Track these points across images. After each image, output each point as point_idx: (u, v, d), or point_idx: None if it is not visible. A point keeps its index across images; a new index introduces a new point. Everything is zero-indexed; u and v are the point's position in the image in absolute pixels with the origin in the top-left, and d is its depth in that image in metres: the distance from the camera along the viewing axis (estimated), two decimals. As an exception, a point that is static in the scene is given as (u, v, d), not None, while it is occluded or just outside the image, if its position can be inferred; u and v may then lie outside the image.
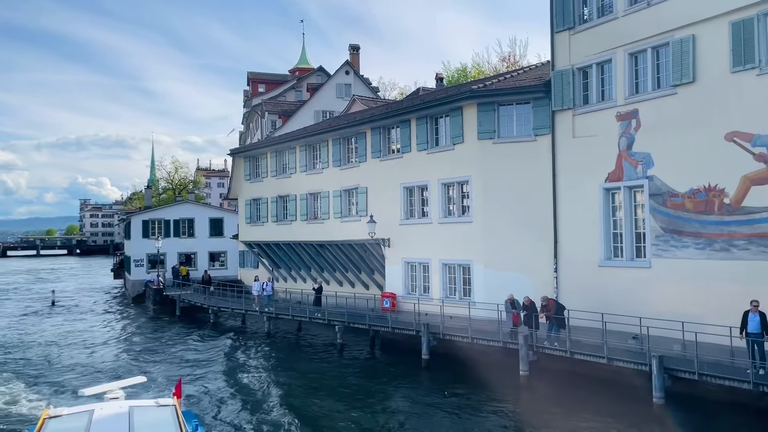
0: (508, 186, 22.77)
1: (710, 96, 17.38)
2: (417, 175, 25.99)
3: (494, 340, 19.43)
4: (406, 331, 22.36)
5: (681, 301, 17.54)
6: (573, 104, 21.27)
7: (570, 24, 21.33)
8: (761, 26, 16.26)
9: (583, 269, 20.80)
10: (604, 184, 20.34)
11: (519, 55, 49.48)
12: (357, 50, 52.56)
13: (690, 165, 17.82)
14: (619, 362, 16.06)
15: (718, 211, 17.17)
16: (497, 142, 23.14)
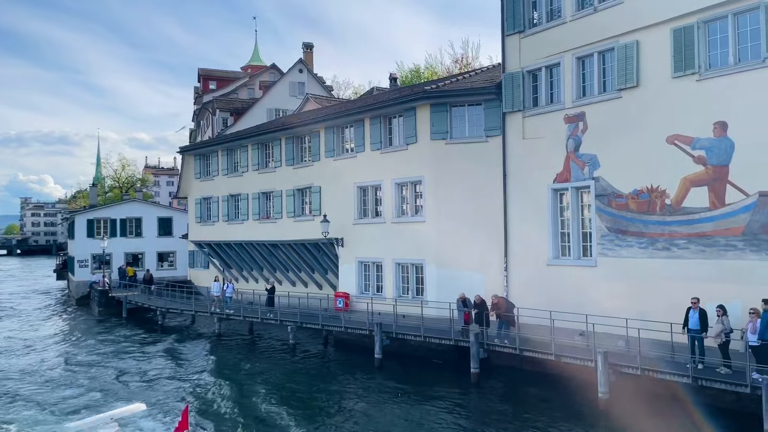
0: (460, 186, 23.04)
1: (653, 100, 18.01)
2: (371, 175, 26.03)
3: (446, 338, 19.64)
4: (360, 330, 22.37)
5: (625, 298, 18.10)
6: (523, 106, 21.69)
7: (520, 28, 21.74)
8: (701, 33, 16.94)
9: (532, 268, 21.25)
10: (553, 185, 20.82)
11: (471, 56, 50.18)
12: (311, 48, 52.26)
13: (633, 167, 18.42)
14: (567, 359, 16.47)
15: (660, 212, 17.81)
16: (450, 142, 23.39)
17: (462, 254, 22.81)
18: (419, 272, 24.29)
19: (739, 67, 16.20)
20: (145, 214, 46.13)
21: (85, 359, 24.53)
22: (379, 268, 25.92)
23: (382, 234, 25.55)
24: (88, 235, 43.85)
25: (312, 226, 28.28)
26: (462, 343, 19.14)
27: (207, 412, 16.76)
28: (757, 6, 15.76)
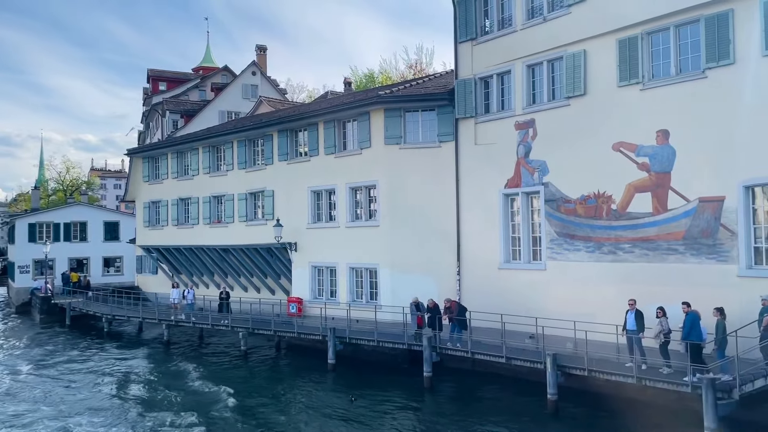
0: (414, 191, 23.19)
1: (599, 108, 18.54)
2: (325, 179, 25.91)
3: (399, 342, 19.69)
4: (313, 335, 22.20)
5: (573, 301, 18.54)
6: (475, 113, 22.01)
7: (473, 35, 22.07)
8: (644, 44, 17.55)
9: (484, 272, 21.54)
10: (504, 190, 21.18)
11: (426, 62, 50.62)
12: (264, 51, 51.73)
13: (581, 173, 18.91)
14: (517, 361, 16.74)
15: (606, 217, 18.33)
16: (404, 147, 23.52)
17: (415, 258, 22.95)
18: (373, 276, 24.30)
19: (680, 77, 16.85)
20: (90, 218, 44.70)
21: (26, 369, 23.53)
22: (332, 272, 25.81)
23: (336, 238, 25.46)
24: (30, 240, 42.19)
25: (265, 230, 27.95)
26: (415, 347, 19.23)
27: (153, 419, 16.31)
28: (697, 19, 16.44)
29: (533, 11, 20.49)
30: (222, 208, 31.11)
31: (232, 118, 43.73)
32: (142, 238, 36.20)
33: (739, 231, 15.53)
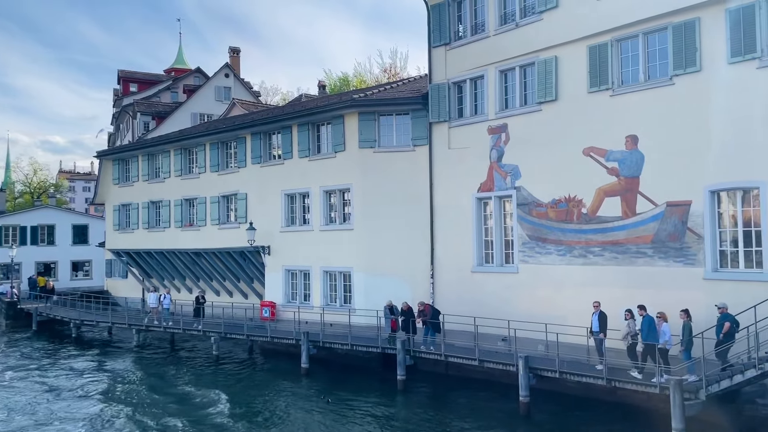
0: (388, 194, 23.23)
1: (570, 113, 18.82)
2: (298, 182, 25.81)
3: (373, 346, 19.68)
4: (286, 340, 22.06)
5: (545, 303, 18.76)
6: (449, 117, 22.16)
7: (446, 40, 22.23)
8: (614, 51, 17.88)
9: (457, 275, 21.67)
10: (477, 194, 21.35)
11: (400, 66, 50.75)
12: (237, 53, 51.38)
13: (553, 177, 19.16)
14: (490, 364, 16.86)
15: (577, 220, 18.60)
16: (378, 151, 23.56)
17: (390, 262, 22.97)
18: (347, 280, 24.26)
19: (648, 84, 17.20)
20: (58, 221, 43.82)
21: (-11, 376, 22.91)
22: (306, 276, 25.70)
23: (309, 242, 25.36)
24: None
25: (237, 233, 27.71)
26: (389, 351, 19.23)
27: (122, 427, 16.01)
28: (665, 27, 16.80)
29: (506, 17, 20.72)
30: (194, 211, 30.75)
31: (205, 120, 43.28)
32: (111, 241, 35.59)
33: (705, 235, 15.90)
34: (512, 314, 18.45)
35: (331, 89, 47.64)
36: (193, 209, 30.85)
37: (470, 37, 21.72)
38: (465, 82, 21.86)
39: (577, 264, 18.56)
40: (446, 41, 22.25)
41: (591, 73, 18.29)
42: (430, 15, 22.70)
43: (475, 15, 21.76)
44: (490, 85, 21.04)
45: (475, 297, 20.63)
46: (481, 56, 21.19)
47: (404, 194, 23.03)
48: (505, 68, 20.67)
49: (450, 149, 22.20)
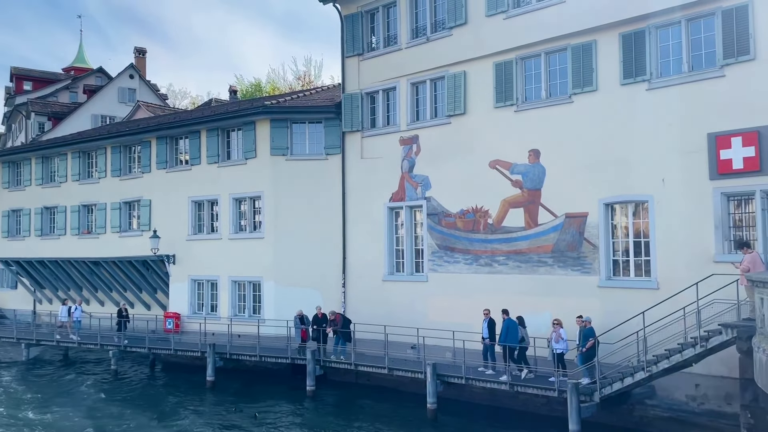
0: (300, 202, 23.01)
1: (478, 127, 19.44)
2: (207, 189, 25.05)
3: (283, 356, 19.37)
4: (191, 352, 21.29)
5: (453, 311, 19.14)
6: (362, 127, 22.31)
7: (359, 50, 22.40)
8: (518, 69, 18.66)
9: (369, 284, 21.76)
10: (389, 204, 21.58)
11: (314, 75, 50.61)
12: (144, 54, 49.37)
13: (461, 188, 19.69)
14: (399, 372, 17.02)
15: (483, 231, 19.20)
16: (290, 158, 23.31)
17: (301, 271, 22.73)
18: (257, 290, 23.77)
19: (550, 101, 18.07)
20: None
21: None
22: (214, 286, 24.94)
23: (218, 250, 24.64)
24: None
25: (140, 241, 26.48)
26: (299, 361, 18.99)
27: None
28: (564, 48, 17.72)
29: (417, 31, 21.16)
30: (92, 218, 29.12)
31: (107, 122, 41.21)
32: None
33: (600, 245, 16.84)
34: (422, 322, 18.73)
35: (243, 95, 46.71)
36: (91, 216, 29.21)
37: (383, 48, 22.01)
38: (378, 93, 22.10)
39: (483, 272, 19.13)
40: (359, 52, 22.43)
41: (497, 89, 19.00)
42: (344, 25, 22.82)
43: (387, 27, 22.08)
44: (402, 97, 21.38)
45: (386, 305, 20.78)
46: (393, 68, 21.51)
47: (316, 203, 22.90)
48: (416, 81, 21.08)
49: (362, 159, 22.33)
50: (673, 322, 13.59)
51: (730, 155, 14.63)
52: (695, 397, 14.41)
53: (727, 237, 14.88)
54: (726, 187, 14.79)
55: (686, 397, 14.49)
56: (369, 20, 22.49)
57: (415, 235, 21.29)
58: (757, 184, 14.27)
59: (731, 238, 14.89)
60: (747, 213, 14.78)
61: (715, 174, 14.88)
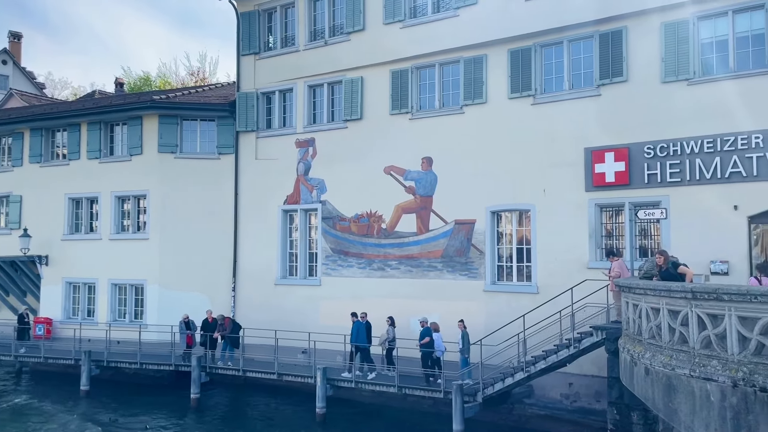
0: (189, 203, 22.13)
1: (374, 133, 19.65)
2: (86, 186, 23.48)
3: (166, 363, 18.51)
4: (63, 360, 19.84)
5: (346, 315, 19.10)
6: (257, 127, 21.86)
7: (256, 49, 21.97)
8: (414, 77, 19.06)
9: (261, 288, 21.31)
10: (283, 206, 21.28)
11: (209, 71, 48.93)
12: (19, 38, 45.56)
13: (356, 192, 19.80)
14: (289, 377, 16.80)
15: (377, 235, 19.42)
16: (179, 157, 22.39)
17: (188, 274, 21.83)
18: (139, 294, 22.56)
19: (443, 111, 18.62)
20: None
21: None
22: (91, 289, 23.39)
23: (97, 252, 23.13)
24: None
25: (8, 241, 24.32)
26: (183, 368, 18.23)
27: None
28: (457, 60, 18.34)
29: (315, 34, 21.09)
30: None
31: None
32: None
33: (486, 251, 17.54)
34: (314, 326, 18.60)
35: (131, 88, 44.30)
36: (-49, 211, 26.46)
37: (280, 49, 21.73)
38: (274, 94, 21.76)
39: (375, 277, 19.33)
40: (256, 50, 21.99)
41: (393, 96, 19.31)
42: (240, 22, 22.29)
43: (285, 28, 21.82)
44: (298, 99, 21.19)
45: (277, 310, 20.43)
46: (290, 69, 21.27)
47: (207, 203, 22.12)
48: (313, 84, 20.98)
49: (257, 160, 21.88)
50: (551, 324, 14.42)
51: (603, 169, 15.76)
52: (569, 395, 15.36)
53: (599, 245, 16.00)
54: (599, 199, 15.92)
55: (561, 396, 15.41)
56: (266, 19, 22.13)
57: (309, 238, 21.14)
58: (626, 196, 15.46)
59: (603, 246, 16.03)
60: (617, 223, 15.98)
61: (590, 186, 15.96)
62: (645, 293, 9.77)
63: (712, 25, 14.85)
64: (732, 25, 14.53)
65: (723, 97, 14.33)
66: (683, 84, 14.90)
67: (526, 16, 16.90)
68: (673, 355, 8.69)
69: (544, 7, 16.66)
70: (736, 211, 13.98)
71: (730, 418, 7.45)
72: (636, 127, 15.37)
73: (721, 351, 7.85)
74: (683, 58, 14.91)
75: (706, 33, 14.94)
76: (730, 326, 7.72)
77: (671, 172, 14.85)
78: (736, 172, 14.07)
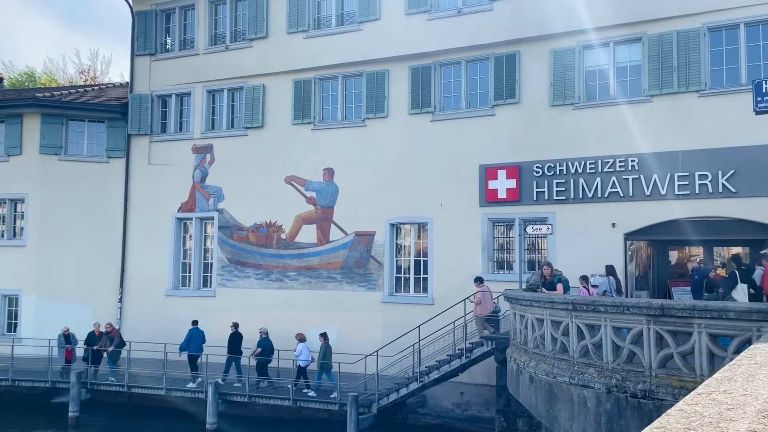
0: (74, 208, 20.76)
1: (275, 142, 19.40)
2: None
3: (41, 380, 17.18)
4: None
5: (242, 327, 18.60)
6: (151, 131, 20.95)
7: (152, 50, 21.10)
8: (317, 88, 19.03)
9: (151, 299, 20.32)
10: (177, 214, 20.49)
11: (100, 70, 46.27)
12: None
13: (256, 202, 19.42)
14: (178, 392, 16.10)
15: (276, 246, 19.13)
16: (64, 159, 21.00)
17: (70, 284, 20.42)
18: (13, 305, 20.82)
19: (345, 123, 18.72)
20: None
21: None
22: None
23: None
24: None
25: None
26: (61, 385, 16.99)
27: None
28: (360, 74, 18.54)
29: (216, 38, 20.57)
30: None
31: None
32: None
33: (385, 262, 17.76)
34: (208, 339, 17.91)
35: (12, 84, 41.04)
36: None
37: (178, 51, 21.01)
38: (170, 97, 20.96)
39: (273, 288, 19.00)
40: (152, 51, 21.11)
41: (296, 106, 19.18)
42: (135, 21, 21.33)
43: (184, 30, 21.13)
44: (197, 104, 20.54)
45: (169, 322, 19.46)
46: (189, 73, 20.59)
47: (94, 209, 20.85)
48: (213, 89, 20.43)
49: (150, 165, 20.94)
50: (445, 335, 14.81)
51: (496, 185, 16.47)
52: (460, 404, 15.81)
53: (491, 258, 16.66)
54: (492, 214, 16.59)
55: (452, 405, 15.83)
56: (164, 20, 21.33)
57: (204, 248, 20.46)
58: (516, 212, 16.22)
59: (495, 259, 16.71)
60: (508, 237, 16.73)
61: (484, 201, 16.61)
62: (531, 305, 10.27)
63: (595, 55, 15.98)
64: (613, 56, 15.71)
65: (604, 122, 15.44)
66: (569, 108, 15.90)
67: (426, 35, 17.39)
68: (555, 364, 9.18)
69: (444, 28, 17.24)
70: (614, 229, 15.03)
71: (605, 423, 7.95)
72: (527, 147, 16.19)
73: (597, 359, 8.38)
74: (569, 84, 15.92)
75: (590, 61, 16.05)
76: (605, 336, 8.27)
77: (557, 191, 15.75)
78: (614, 192, 15.16)
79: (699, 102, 14.58)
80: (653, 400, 7.34)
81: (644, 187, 14.78)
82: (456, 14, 17.21)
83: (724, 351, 6.85)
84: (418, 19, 17.57)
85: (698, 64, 14.61)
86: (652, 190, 14.70)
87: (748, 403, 1.92)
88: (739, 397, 2.01)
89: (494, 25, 16.65)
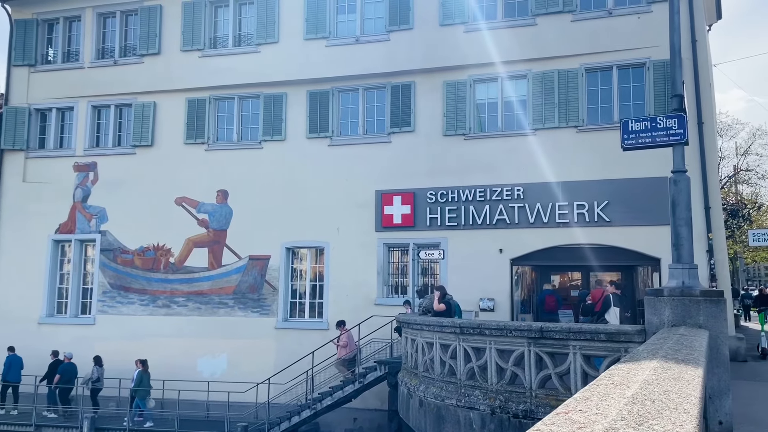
0: (-69, 228, 18.79)
1: (166, 161, 18.64)
2: None
3: None
4: None
5: (124, 356, 17.53)
6: (27, 146, 19.53)
7: (31, 61, 19.77)
8: (212, 108, 18.59)
9: (20, 327, 18.64)
10: (54, 236, 19.11)
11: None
12: None
13: (143, 223, 18.50)
14: (48, 428, 14.84)
15: (164, 270, 18.27)
16: None
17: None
18: None
19: (241, 144, 18.37)
20: None
21: None
22: None
23: None
24: None
25: None
26: None
27: None
28: (257, 95, 18.31)
29: (104, 52, 19.63)
30: None
31: None
32: None
33: (279, 287, 17.45)
34: (86, 369, 16.72)
35: None
36: None
37: (61, 63, 19.81)
38: (50, 111, 19.67)
39: (160, 314, 18.10)
40: (31, 62, 19.77)
41: (188, 125, 18.59)
42: (14, 30, 19.93)
43: (69, 42, 19.99)
44: (80, 119, 19.40)
45: (41, 352, 17.98)
46: (72, 87, 19.44)
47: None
48: (99, 104, 19.40)
49: (25, 182, 19.46)
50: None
51: (392, 211, 16.74)
52: (353, 430, 15.68)
53: (386, 282, 16.84)
54: (388, 239, 16.82)
55: (345, 431, 15.67)
56: (46, 30, 20.10)
57: (84, 272, 19.17)
58: (410, 237, 16.55)
59: (389, 283, 16.91)
60: (403, 262, 17.00)
61: (380, 226, 16.81)
62: (421, 329, 10.45)
63: (485, 89, 16.79)
64: (501, 90, 16.57)
65: (492, 153, 16.17)
66: (461, 138, 16.55)
67: (324, 60, 17.54)
68: (443, 387, 9.37)
69: (342, 55, 17.47)
70: (501, 254, 15.70)
71: (489, 443, 8.19)
72: (421, 174, 16.62)
73: (482, 381, 8.65)
74: (461, 115, 16.59)
75: (481, 95, 16.84)
76: (490, 358, 8.57)
77: (449, 217, 16.26)
78: (501, 219, 15.86)
79: (577, 137, 15.67)
80: (533, 419, 7.66)
81: (528, 215, 15.59)
82: (354, 42, 17.50)
83: (596, 371, 7.29)
84: (316, 45, 17.69)
85: (576, 102, 15.74)
86: (536, 218, 15.54)
87: (598, 422, 2.04)
88: (591, 416, 2.13)
89: (391, 54, 17.08)
